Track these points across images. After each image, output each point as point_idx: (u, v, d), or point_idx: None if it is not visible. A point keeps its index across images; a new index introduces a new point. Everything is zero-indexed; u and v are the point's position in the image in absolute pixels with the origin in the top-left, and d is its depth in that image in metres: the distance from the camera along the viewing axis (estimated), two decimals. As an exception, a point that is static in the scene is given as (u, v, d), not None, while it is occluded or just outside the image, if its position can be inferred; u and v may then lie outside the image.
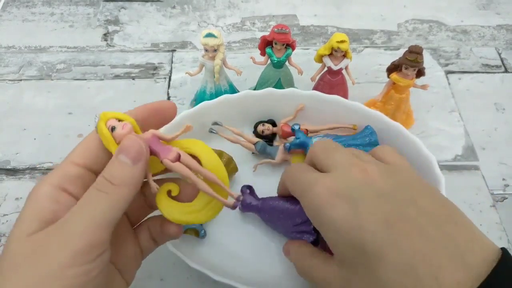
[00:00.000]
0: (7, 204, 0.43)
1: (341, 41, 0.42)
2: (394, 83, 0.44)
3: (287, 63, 0.45)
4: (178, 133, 0.26)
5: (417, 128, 0.48)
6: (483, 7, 0.63)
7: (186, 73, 0.46)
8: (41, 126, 0.49)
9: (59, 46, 0.57)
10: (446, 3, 0.63)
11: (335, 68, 0.44)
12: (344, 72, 0.46)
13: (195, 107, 0.41)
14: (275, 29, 0.42)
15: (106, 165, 0.24)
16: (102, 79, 0.54)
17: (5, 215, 0.42)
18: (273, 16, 0.62)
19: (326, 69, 0.45)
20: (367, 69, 0.54)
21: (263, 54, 0.45)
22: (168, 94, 0.52)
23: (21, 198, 0.43)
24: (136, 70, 0.55)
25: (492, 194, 0.44)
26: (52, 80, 0.53)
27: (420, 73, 0.43)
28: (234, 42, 0.58)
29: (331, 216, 0.25)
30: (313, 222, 0.27)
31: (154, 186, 0.25)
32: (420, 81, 0.44)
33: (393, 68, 0.44)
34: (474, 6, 0.63)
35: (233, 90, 0.48)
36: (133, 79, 0.54)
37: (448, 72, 0.55)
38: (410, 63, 0.42)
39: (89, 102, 0.51)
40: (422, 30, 0.60)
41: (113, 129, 0.24)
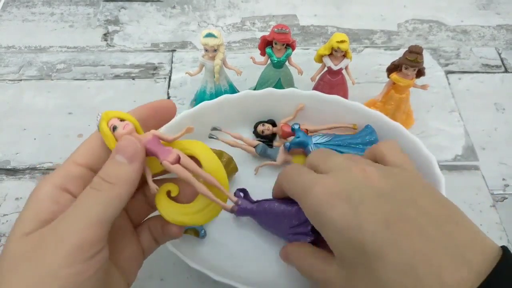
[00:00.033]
0: (7, 204, 0.43)
1: (341, 41, 0.42)
2: (394, 83, 0.44)
3: (287, 63, 0.45)
4: (179, 134, 0.26)
5: (417, 128, 0.48)
6: (483, 7, 0.63)
7: (186, 73, 0.46)
8: (41, 126, 0.49)
9: (59, 46, 0.57)
10: (446, 3, 0.63)
11: (335, 68, 0.44)
12: (344, 72, 0.46)
13: (195, 107, 0.41)
14: (275, 29, 0.42)
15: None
16: (102, 79, 0.54)
17: (5, 215, 0.42)
18: (273, 16, 0.62)
19: (326, 69, 0.45)
20: (367, 69, 0.54)
21: (263, 54, 0.45)
22: (168, 94, 0.52)
23: (21, 198, 0.43)
24: (136, 70, 0.55)
25: (492, 194, 0.44)
26: (52, 80, 0.53)
27: (420, 73, 0.43)
28: (234, 42, 0.58)
29: (331, 216, 0.25)
30: (313, 222, 0.27)
31: (153, 187, 0.25)
32: (420, 81, 0.44)
33: (393, 68, 0.44)
34: (474, 6, 0.63)
35: (233, 90, 0.48)
36: (133, 79, 0.54)
37: (448, 72, 0.55)
38: (410, 63, 0.42)
39: (89, 102, 0.51)
40: (422, 30, 0.60)
41: (114, 128, 0.24)
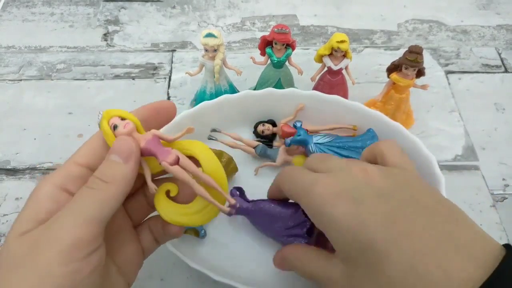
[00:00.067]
0: (7, 204, 0.43)
1: (341, 41, 0.42)
2: (394, 83, 0.44)
3: (287, 63, 0.45)
4: (180, 134, 0.26)
5: (417, 128, 0.48)
6: (483, 7, 0.63)
7: (186, 73, 0.46)
8: (41, 126, 0.49)
9: (59, 46, 0.57)
10: (446, 3, 0.63)
11: (335, 68, 0.44)
12: (344, 72, 0.46)
13: (195, 107, 0.41)
14: (275, 29, 0.42)
15: None
16: (102, 79, 0.54)
17: (5, 215, 0.42)
18: (273, 16, 0.62)
19: (326, 69, 0.45)
20: (367, 69, 0.54)
21: (263, 54, 0.45)
22: (168, 94, 0.52)
23: (21, 198, 0.43)
24: (136, 70, 0.55)
25: (492, 194, 0.44)
26: (52, 80, 0.53)
27: (420, 73, 0.43)
28: (234, 42, 0.58)
29: (334, 215, 0.25)
30: (315, 221, 0.27)
31: (152, 187, 0.25)
32: (420, 81, 0.44)
33: (393, 68, 0.44)
34: (474, 6, 0.63)
35: (233, 90, 0.48)
36: (133, 79, 0.54)
37: (448, 72, 0.55)
38: (410, 63, 0.42)
39: (89, 102, 0.51)
40: (422, 30, 0.60)
41: (115, 127, 0.24)
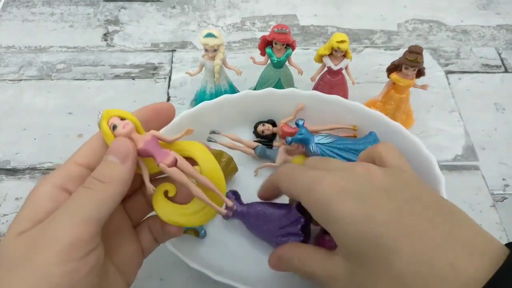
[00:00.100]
0: (7, 204, 0.43)
1: (341, 41, 0.42)
2: (394, 83, 0.44)
3: (287, 63, 0.45)
4: (179, 135, 0.26)
5: (417, 128, 0.48)
6: (483, 7, 0.63)
7: (186, 73, 0.46)
8: (41, 126, 0.49)
9: (59, 46, 0.57)
10: (446, 3, 0.63)
11: (335, 68, 0.44)
12: (344, 72, 0.46)
13: (195, 107, 0.41)
14: (275, 29, 0.42)
15: None
16: (102, 79, 0.54)
17: (5, 215, 0.42)
18: (273, 16, 0.62)
19: (326, 69, 0.45)
20: (367, 69, 0.54)
21: (263, 54, 0.45)
22: (168, 94, 0.52)
23: (21, 198, 0.43)
24: (136, 70, 0.55)
25: (492, 194, 0.44)
26: (52, 80, 0.53)
27: (420, 73, 0.43)
28: (234, 42, 0.58)
29: (341, 210, 0.25)
30: (318, 218, 0.27)
31: (150, 188, 0.25)
32: (420, 81, 0.44)
33: (393, 68, 0.44)
34: (474, 6, 0.63)
35: (233, 90, 0.48)
36: (133, 79, 0.54)
37: (448, 72, 0.55)
38: (410, 63, 0.42)
39: (89, 102, 0.51)
40: (422, 30, 0.60)
41: (114, 127, 0.24)
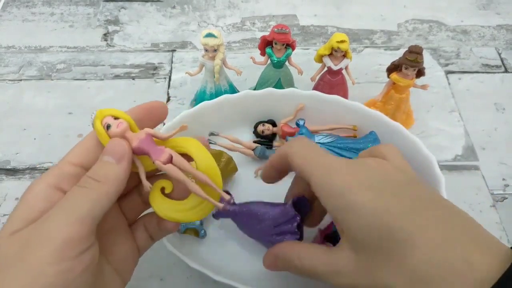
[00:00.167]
0: (7, 204, 0.43)
1: (341, 41, 0.42)
2: (394, 83, 0.44)
3: (287, 63, 0.45)
4: (173, 132, 0.26)
5: (417, 128, 0.48)
6: (483, 7, 0.63)
7: (186, 73, 0.46)
8: (41, 126, 0.49)
9: (59, 46, 0.57)
10: (446, 3, 0.63)
11: (335, 68, 0.44)
12: (344, 72, 0.46)
13: (195, 107, 0.41)
14: (275, 29, 0.42)
15: None
16: (102, 79, 0.54)
17: (5, 215, 0.42)
18: (273, 16, 0.62)
19: (326, 69, 0.45)
20: (367, 69, 0.54)
21: (263, 54, 0.45)
22: (168, 94, 0.52)
23: (21, 198, 0.43)
24: (136, 70, 0.55)
25: (492, 194, 0.44)
26: (52, 80, 0.53)
27: (420, 73, 0.43)
28: (234, 42, 0.58)
29: (357, 200, 0.25)
30: (330, 206, 0.27)
31: (147, 185, 0.25)
32: (420, 81, 0.44)
33: (393, 68, 0.44)
34: (474, 6, 0.63)
35: (233, 90, 0.48)
36: (133, 79, 0.54)
37: (448, 72, 0.55)
38: (410, 63, 0.42)
39: (89, 102, 0.51)
40: (422, 30, 0.60)
41: (108, 127, 0.24)
